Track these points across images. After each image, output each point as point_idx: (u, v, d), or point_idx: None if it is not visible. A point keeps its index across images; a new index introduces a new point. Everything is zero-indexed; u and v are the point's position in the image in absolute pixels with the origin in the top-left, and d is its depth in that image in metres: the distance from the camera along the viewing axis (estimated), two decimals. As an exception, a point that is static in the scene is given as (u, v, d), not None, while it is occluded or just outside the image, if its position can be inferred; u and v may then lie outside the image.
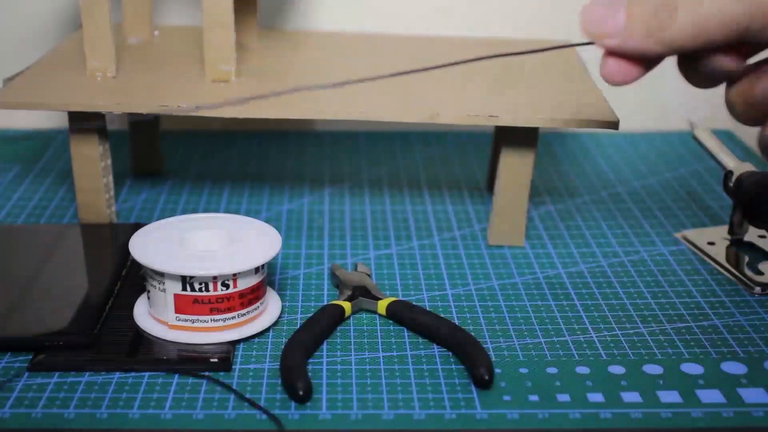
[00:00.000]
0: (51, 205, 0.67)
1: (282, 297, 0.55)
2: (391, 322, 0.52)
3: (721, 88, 0.42)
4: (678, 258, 0.61)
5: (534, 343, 0.51)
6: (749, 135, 0.86)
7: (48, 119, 0.83)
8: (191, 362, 0.47)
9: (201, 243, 0.52)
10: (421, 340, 0.51)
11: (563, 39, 0.76)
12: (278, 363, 0.48)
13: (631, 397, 0.46)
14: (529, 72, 0.66)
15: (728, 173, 0.61)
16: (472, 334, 0.50)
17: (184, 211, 0.66)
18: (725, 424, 0.44)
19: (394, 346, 0.50)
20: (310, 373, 0.47)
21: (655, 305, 0.55)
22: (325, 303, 0.53)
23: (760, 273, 0.59)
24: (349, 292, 0.54)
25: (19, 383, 0.46)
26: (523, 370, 0.48)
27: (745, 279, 0.58)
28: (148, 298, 0.50)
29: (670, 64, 0.96)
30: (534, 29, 0.82)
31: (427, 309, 0.53)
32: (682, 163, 0.78)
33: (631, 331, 0.52)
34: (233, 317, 0.49)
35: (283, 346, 0.48)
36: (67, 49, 0.67)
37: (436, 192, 0.72)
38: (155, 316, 0.50)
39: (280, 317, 0.52)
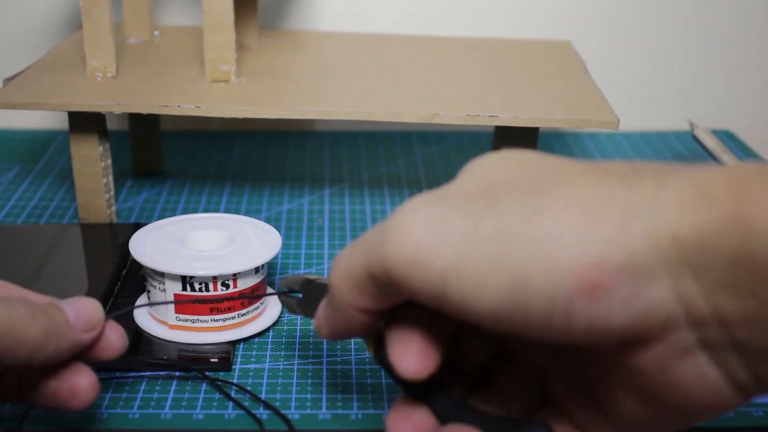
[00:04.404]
0: (51, 205, 0.67)
1: (282, 297, 0.55)
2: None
3: (722, 88, 0.42)
4: (678, 258, 0.61)
5: (534, 343, 0.51)
6: (749, 135, 0.86)
7: (48, 119, 0.83)
8: (191, 362, 0.47)
9: (201, 243, 0.52)
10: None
11: (563, 39, 0.77)
12: (278, 363, 0.48)
13: (631, 397, 0.46)
14: (529, 72, 0.66)
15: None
16: None
17: (184, 211, 0.66)
18: (725, 424, 0.44)
19: (394, 346, 0.50)
20: (310, 373, 0.47)
21: (655, 305, 0.55)
22: None
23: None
24: None
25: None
26: (523, 370, 0.48)
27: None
28: (148, 298, 0.50)
29: (671, 63, 0.96)
30: (534, 30, 0.82)
31: None
32: (682, 163, 0.78)
33: (631, 331, 0.52)
34: (233, 317, 0.49)
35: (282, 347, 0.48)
36: (67, 49, 0.67)
37: (436, 192, 0.71)
38: (155, 316, 0.50)
39: (280, 317, 0.52)
